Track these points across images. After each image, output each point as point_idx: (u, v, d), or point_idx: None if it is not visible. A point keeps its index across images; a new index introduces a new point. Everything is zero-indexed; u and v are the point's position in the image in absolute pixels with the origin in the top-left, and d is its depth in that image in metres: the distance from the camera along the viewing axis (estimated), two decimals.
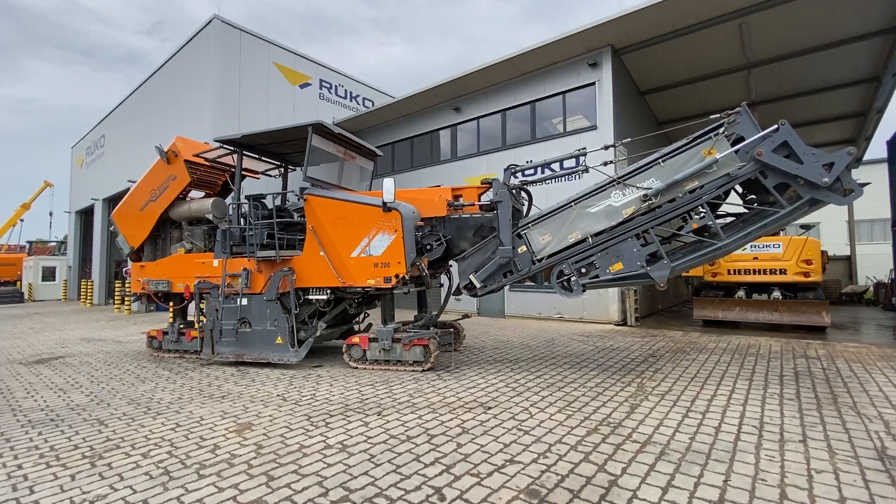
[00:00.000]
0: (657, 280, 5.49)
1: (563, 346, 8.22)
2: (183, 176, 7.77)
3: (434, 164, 14.94)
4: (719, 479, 3.04)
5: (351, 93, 18.06)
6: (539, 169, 11.62)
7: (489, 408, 4.68)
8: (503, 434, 3.93)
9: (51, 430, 4.30)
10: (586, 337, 9.15)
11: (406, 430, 4.06)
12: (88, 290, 21.44)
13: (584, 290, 5.94)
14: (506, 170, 6.57)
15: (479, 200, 6.77)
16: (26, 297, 24.97)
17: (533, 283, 12.17)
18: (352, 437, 3.93)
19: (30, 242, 34.92)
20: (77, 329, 12.30)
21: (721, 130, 5.34)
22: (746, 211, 5.67)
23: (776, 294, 10.16)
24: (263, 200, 7.34)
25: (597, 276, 5.81)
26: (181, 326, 7.93)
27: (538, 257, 6.10)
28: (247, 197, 7.20)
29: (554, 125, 12.50)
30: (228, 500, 2.88)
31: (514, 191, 6.81)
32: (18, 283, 28.19)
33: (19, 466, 3.45)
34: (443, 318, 8.13)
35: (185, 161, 7.73)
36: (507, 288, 12.31)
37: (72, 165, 28.21)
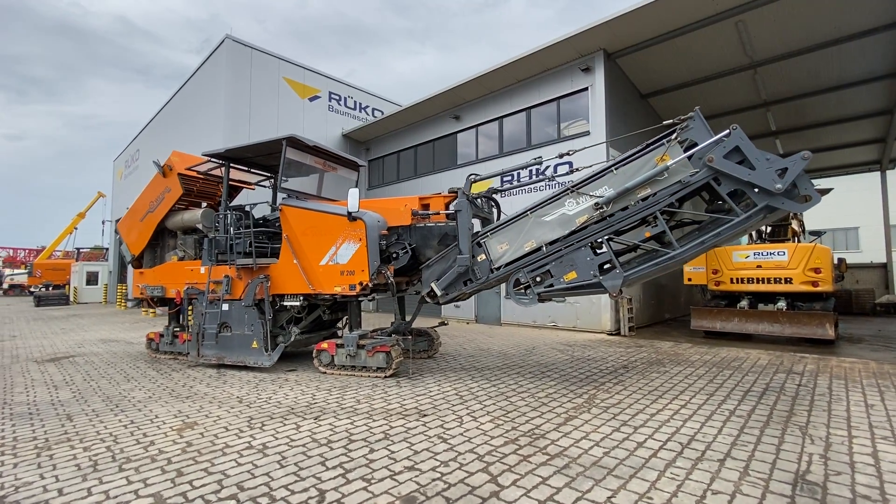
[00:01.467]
0: (609, 289, 5.39)
1: (540, 355, 8.13)
2: (176, 188, 8.29)
3: (437, 171, 15.12)
4: (604, 495, 2.99)
5: (360, 104, 18.58)
6: (531, 175, 11.57)
7: (424, 415, 4.75)
8: (421, 441, 4.00)
9: (24, 422, 4.71)
10: (569, 346, 9.00)
11: (331, 435, 4.19)
12: (124, 294, 22.96)
13: (539, 300, 5.89)
14: (466, 179, 6.63)
15: (447, 209, 6.86)
16: (71, 299, 27.00)
17: None
18: (277, 439, 4.10)
19: (78, 249, 37.75)
20: (100, 330, 13.23)
21: (673, 136, 5.22)
22: (706, 218, 5.48)
23: (780, 304, 9.63)
24: (246, 210, 7.72)
25: (551, 285, 5.76)
26: (175, 330, 8.43)
27: (496, 266, 6.11)
28: (229, 207, 7.60)
29: (558, 130, 12.40)
30: (130, 493, 3.10)
31: (480, 199, 6.88)
32: (67, 286, 30.52)
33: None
34: (420, 325, 8.27)
35: (179, 174, 8.25)
36: (503, 298, 12.32)
37: (113, 178, 30.39)
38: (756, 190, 4.78)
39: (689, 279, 11.24)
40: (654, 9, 9.17)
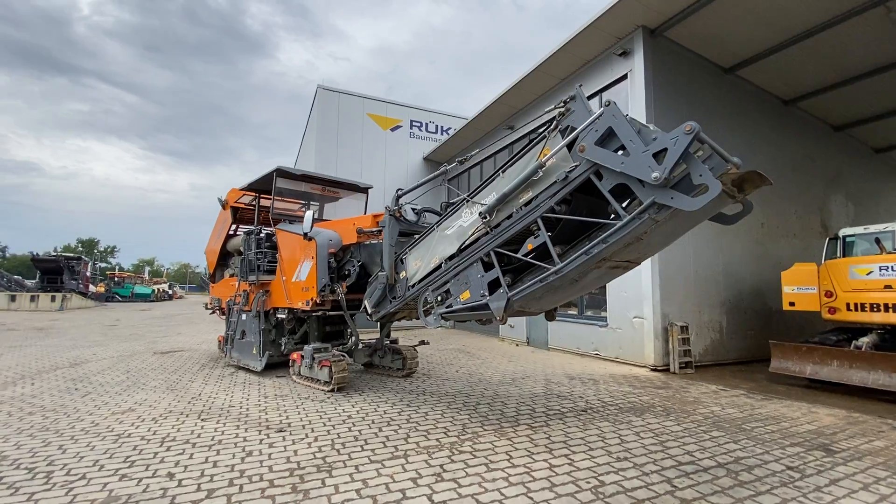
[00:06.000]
0: (494, 312, 4.60)
1: (526, 387, 7.19)
2: (229, 218, 10.21)
3: None
4: None
5: (441, 127, 19.34)
6: None
7: (281, 430, 4.85)
8: (233, 448, 4.15)
9: (61, 394, 6.53)
10: (586, 381, 7.61)
11: (197, 435, 4.67)
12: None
13: (443, 321, 5.36)
14: (394, 194, 6.47)
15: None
16: None
17: (574, 314, 10.76)
18: (155, 433, 4.77)
19: None
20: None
21: (553, 125, 4.25)
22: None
23: None
24: (258, 234, 9.02)
25: (450, 306, 5.19)
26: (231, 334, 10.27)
27: (411, 283, 5.81)
28: (244, 231, 9.02)
29: None
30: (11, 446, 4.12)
31: (423, 215, 6.65)
32: None
33: (10, 415, 5.49)
34: (403, 343, 8.25)
35: (231, 206, 10.17)
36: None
37: None
38: (644, 184, 3.53)
39: (791, 303, 8.32)
40: None
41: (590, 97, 10.65)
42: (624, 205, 3.89)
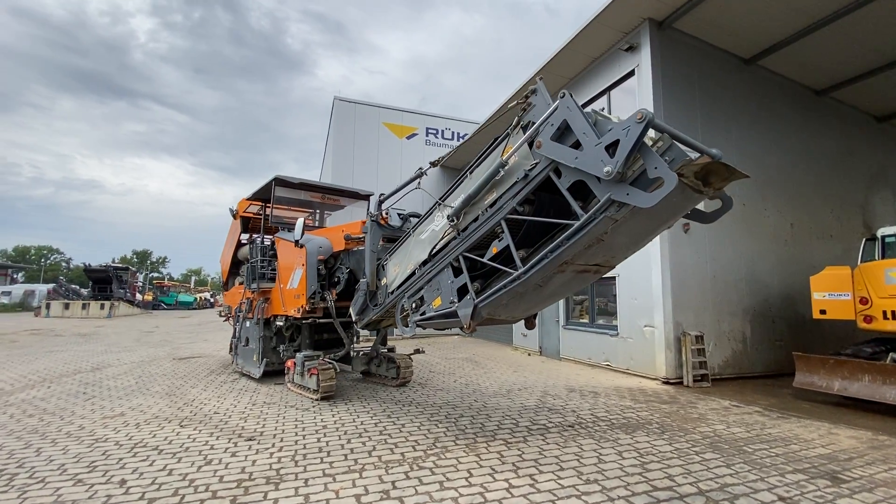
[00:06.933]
0: (461, 319, 4.38)
1: (519, 400, 6.86)
2: (238, 228, 10.49)
3: None
4: None
5: (457, 133, 19.23)
6: None
7: (251, 439, 4.80)
8: (196, 457, 4.13)
9: (67, 398, 6.82)
10: (586, 394, 7.20)
11: (169, 442, 4.71)
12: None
13: (419, 327, 5.18)
14: (378, 199, 6.38)
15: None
16: None
17: (585, 322, 10.29)
18: (131, 438, 4.85)
19: None
20: None
21: (514, 122, 4.01)
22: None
23: None
24: (259, 243, 9.18)
25: (424, 313, 5.01)
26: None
27: (390, 290, 5.67)
28: (248, 241, 9.20)
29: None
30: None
31: (406, 219, 6.52)
32: None
33: (12, 417, 5.80)
34: (401, 352, 8.12)
35: (241, 216, 10.45)
36: (562, 327, 10.72)
37: None
38: (599, 180, 3.24)
39: (822, 311, 7.55)
40: None
41: (598, 96, 10.25)
42: (589, 204, 3.60)
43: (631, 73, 9.10)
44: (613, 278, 9.18)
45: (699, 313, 8.30)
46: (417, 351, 8.22)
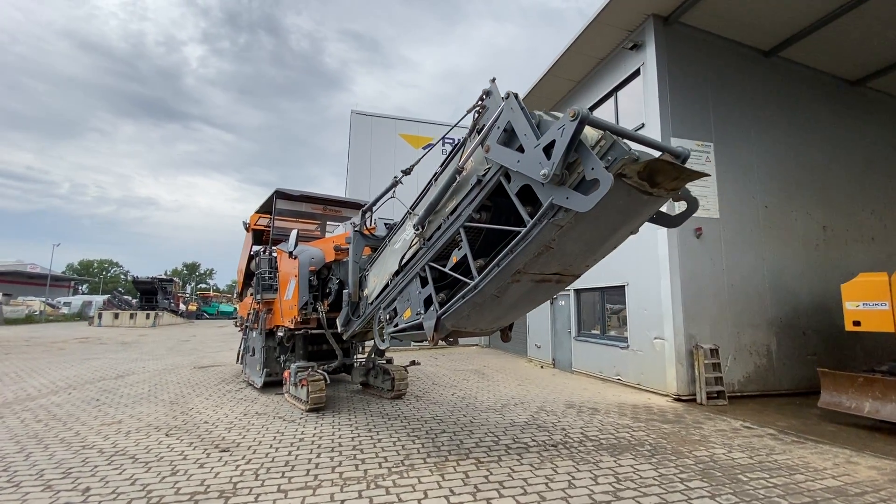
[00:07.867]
0: (426, 331, 4.24)
1: (510, 415, 6.59)
2: (251, 240, 10.82)
3: None
4: None
5: None
6: None
7: (226, 450, 4.82)
8: (165, 467, 4.19)
9: (80, 404, 7.17)
10: (584, 411, 6.79)
11: (147, 450, 4.83)
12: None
13: (394, 341, 5.07)
14: (361, 210, 6.35)
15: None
16: None
17: (597, 333, 9.83)
18: (115, 446, 5.00)
19: None
20: None
21: (471, 125, 3.87)
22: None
23: None
24: (265, 255, 9.41)
25: (397, 325, 4.90)
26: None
27: (370, 301, 5.61)
28: (254, 253, 9.44)
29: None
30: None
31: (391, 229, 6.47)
32: None
33: (23, 422, 6.17)
34: (396, 363, 8.02)
35: (253, 229, 10.79)
36: (573, 339, 10.29)
37: None
38: (543, 184, 3.04)
39: (856, 322, 6.81)
40: None
41: (604, 97, 9.88)
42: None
43: (636, 73, 8.71)
44: (623, 287, 8.72)
45: (715, 324, 7.70)
46: (413, 363, 8.09)
